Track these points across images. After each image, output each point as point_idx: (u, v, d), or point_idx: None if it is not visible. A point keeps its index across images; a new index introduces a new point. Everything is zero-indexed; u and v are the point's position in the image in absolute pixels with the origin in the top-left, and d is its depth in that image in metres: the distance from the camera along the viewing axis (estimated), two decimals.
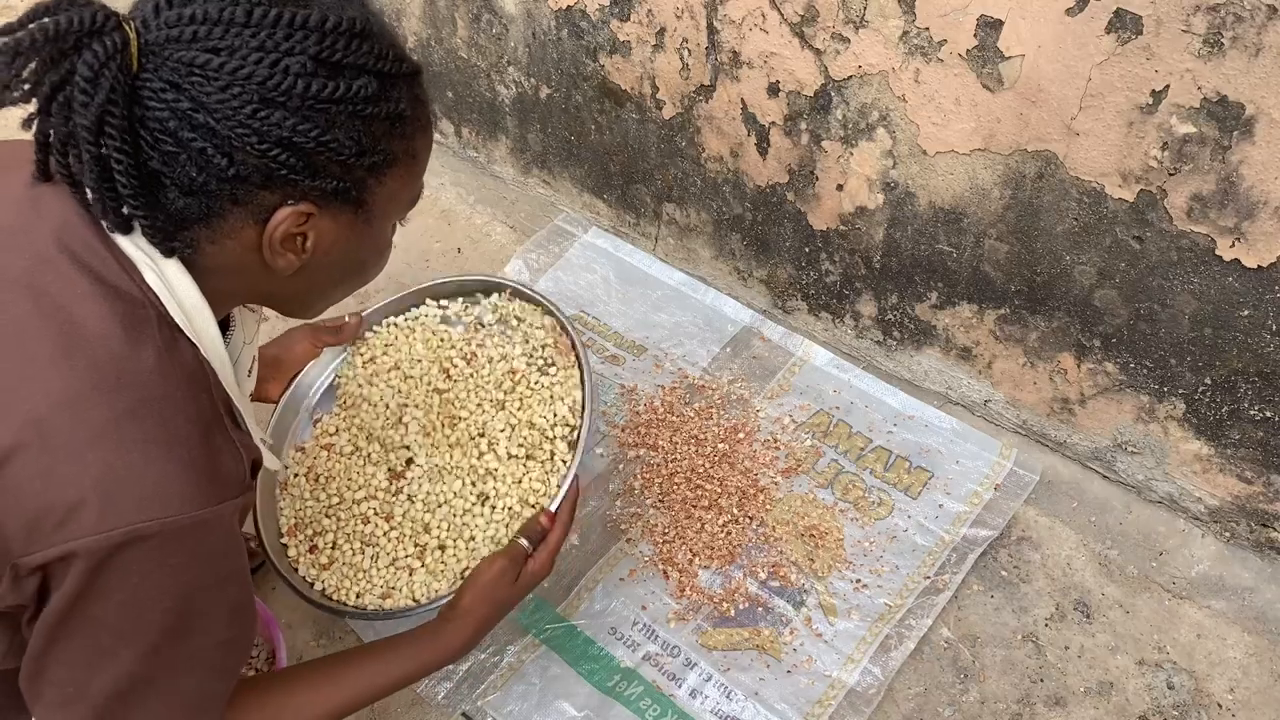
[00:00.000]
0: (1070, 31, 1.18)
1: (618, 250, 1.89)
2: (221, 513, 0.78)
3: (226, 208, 0.77)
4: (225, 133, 0.74)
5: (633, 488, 1.53)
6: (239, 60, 0.73)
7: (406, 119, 0.82)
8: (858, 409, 1.64)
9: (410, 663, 1.06)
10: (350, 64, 0.77)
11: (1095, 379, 1.46)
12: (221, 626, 0.83)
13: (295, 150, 0.76)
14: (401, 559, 1.26)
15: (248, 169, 0.75)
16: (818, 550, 1.46)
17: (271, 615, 1.27)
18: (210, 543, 0.78)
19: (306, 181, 0.77)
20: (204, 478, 0.77)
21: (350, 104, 0.77)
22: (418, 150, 0.86)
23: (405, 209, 0.91)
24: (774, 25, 1.44)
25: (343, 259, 0.87)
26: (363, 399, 1.38)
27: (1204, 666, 1.36)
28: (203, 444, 0.78)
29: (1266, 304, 1.23)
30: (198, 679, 0.84)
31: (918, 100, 1.36)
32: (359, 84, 0.77)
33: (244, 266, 0.82)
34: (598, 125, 1.80)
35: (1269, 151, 1.13)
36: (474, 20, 1.84)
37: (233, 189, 0.76)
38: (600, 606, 1.40)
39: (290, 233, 0.80)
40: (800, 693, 1.31)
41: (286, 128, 0.75)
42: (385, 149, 0.81)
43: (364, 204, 0.83)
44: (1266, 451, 1.36)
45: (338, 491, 1.32)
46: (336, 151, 0.77)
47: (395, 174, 0.84)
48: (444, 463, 1.32)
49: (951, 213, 1.44)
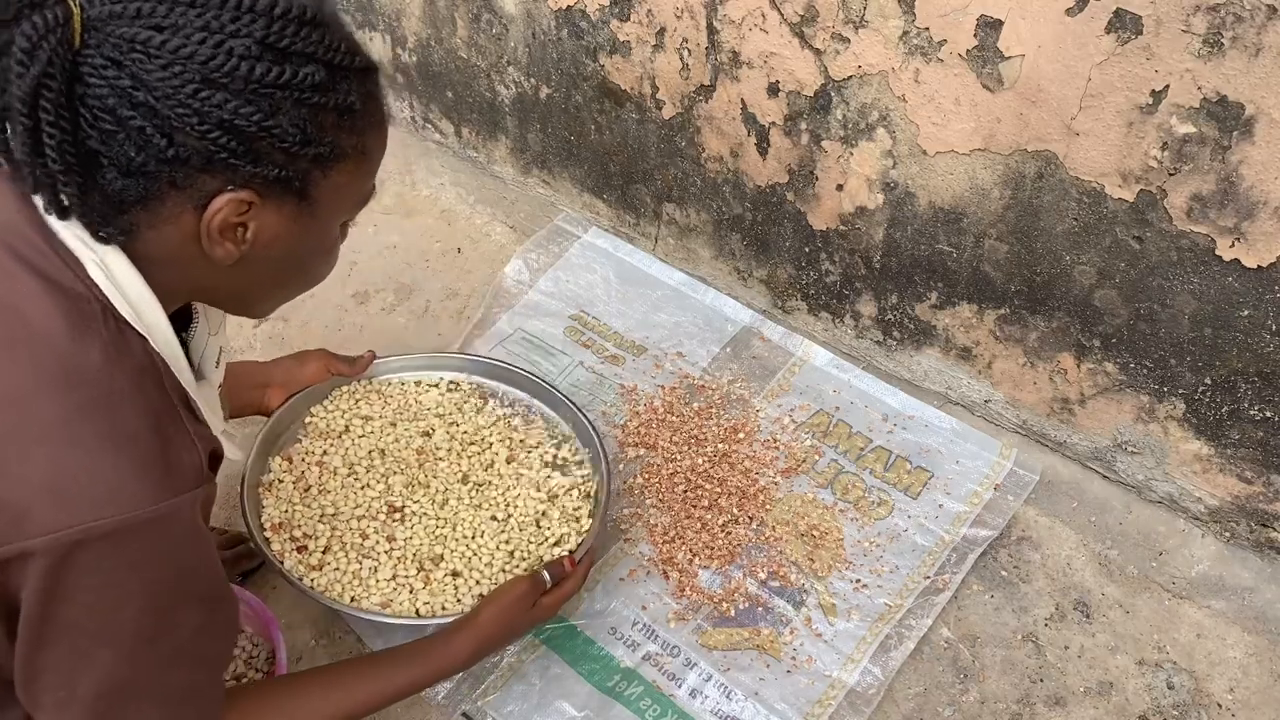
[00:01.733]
0: (1070, 31, 1.18)
1: (618, 250, 1.89)
2: (179, 506, 0.77)
3: (165, 191, 0.76)
4: (165, 112, 0.72)
5: (633, 488, 1.53)
6: (182, 39, 0.71)
7: (356, 113, 0.81)
8: (858, 409, 1.64)
9: (418, 670, 1.07)
10: (298, 51, 0.75)
11: (1095, 379, 1.46)
12: (197, 618, 0.83)
13: (236, 134, 0.74)
14: (402, 576, 1.28)
15: (187, 151, 0.74)
16: (818, 550, 1.46)
17: (272, 615, 1.27)
18: (170, 537, 0.78)
19: (247, 167, 0.76)
20: (157, 472, 0.76)
21: (296, 91, 0.75)
22: (368, 147, 0.84)
23: (354, 208, 0.89)
24: (774, 25, 1.44)
25: (286, 254, 0.85)
26: (356, 436, 1.42)
27: (1204, 666, 1.36)
28: (154, 438, 0.77)
29: (1266, 304, 1.23)
30: (184, 672, 0.83)
31: (918, 100, 1.37)
32: (306, 71, 0.75)
33: (184, 257, 0.80)
34: (598, 125, 1.80)
35: (1269, 151, 1.13)
36: (474, 20, 1.84)
37: (172, 171, 0.75)
38: (600, 606, 1.40)
39: (230, 221, 0.78)
40: (800, 693, 1.31)
41: (228, 110, 0.73)
42: (332, 141, 0.79)
43: (308, 197, 0.81)
44: (1266, 451, 1.36)
45: (332, 504, 1.33)
46: (279, 138, 0.76)
47: (343, 169, 0.82)
48: (449, 496, 1.37)
49: (951, 213, 1.44)
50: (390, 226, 2.02)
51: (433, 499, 1.36)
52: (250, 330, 1.79)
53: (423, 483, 1.37)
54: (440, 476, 1.38)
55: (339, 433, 1.41)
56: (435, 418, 1.45)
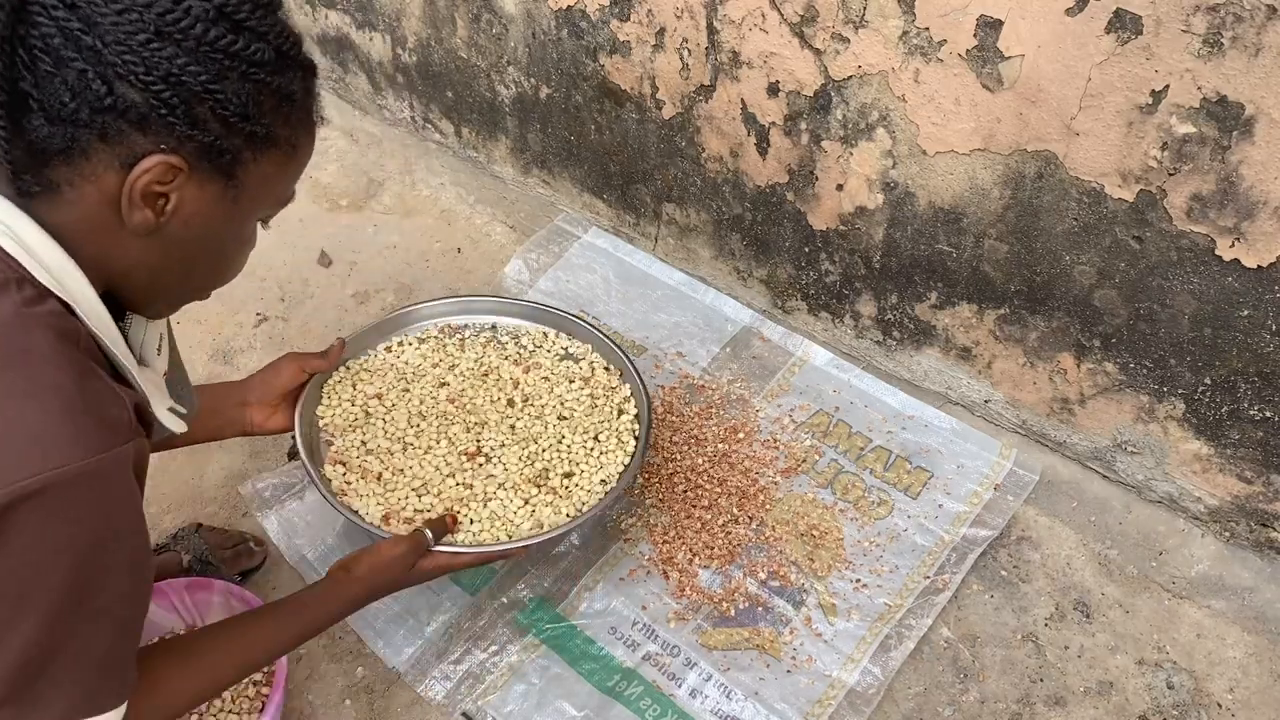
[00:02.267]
0: (1070, 31, 1.19)
1: (617, 250, 1.89)
2: (111, 460, 0.75)
3: (93, 144, 0.74)
4: (112, 58, 0.71)
5: (633, 488, 1.53)
6: None
7: (295, 103, 0.81)
8: (857, 409, 1.64)
9: (316, 617, 1.10)
10: (251, 27, 0.76)
11: (1095, 379, 1.46)
12: (124, 582, 0.80)
13: (180, 90, 0.74)
14: (520, 500, 1.33)
15: (126, 102, 0.73)
16: (818, 550, 1.46)
17: None
18: (103, 493, 0.75)
19: (183, 128, 0.75)
20: (85, 424, 0.74)
21: (245, 63, 0.76)
22: (299, 143, 0.84)
23: (274, 205, 0.88)
24: (774, 25, 1.45)
25: (201, 236, 0.83)
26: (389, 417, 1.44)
27: (1204, 666, 1.36)
28: (77, 390, 0.74)
29: (1266, 304, 1.23)
30: (106, 639, 0.81)
31: (917, 100, 1.37)
32: (256, 46, 0.76)
33: (97, 226, 0.78)
34: (598, 125, 1.80)
35: (1269, 151, 1.13)
36: (474, 20, 1.84)
37: (105, 121, 0.73)
38: (600, 606, 1.40)
39: (153, 188, 0.77)
40: (800, 692, 1.31)
41: (177, 65, 0.73)
42: (269, 124, 0.80)
43: (235, 178, 0.80)
44: (1266, 451, 1.36)
45: (418, 479, 1.35)
46: (221, 104, 0.75)
47: (273, 157, 0.82)
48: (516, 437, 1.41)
49: (951, 213, 1.44)
50: (390, 226, 2.02)
51: (501, 428, 1.41)
52: (250, 330, 1.79)
53: (479, 422, 1.41)
54: (485, 410, 1.43)
55: (361, 421, 1.41)
56: (432, 368, 1.48)
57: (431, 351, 1.51)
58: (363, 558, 1.16)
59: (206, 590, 1.31)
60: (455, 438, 1.39)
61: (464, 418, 1.42)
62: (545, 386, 1.47)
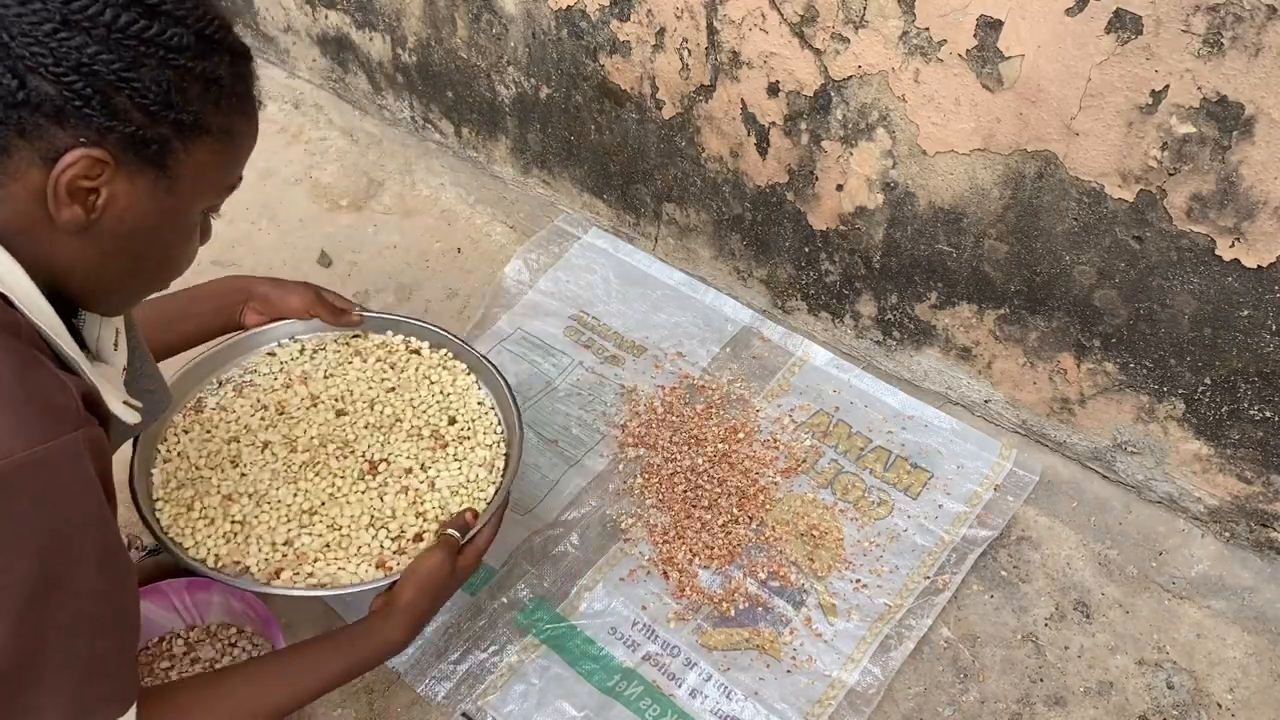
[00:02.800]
0: (1070, 31, 1.18)
1: (617, 250, 1.89)
2: (59, 449, 0.72)
3: (12, 141, 0.72)
4: (20, 51, 0.69)
5: (633, 488, 1.53)
6: None
7: (224, 89, 0.78)
8: (857, 409, 1.64)
9: (353, 659, 1.04)
10: (168, 11, 0.74)
11: (1095, 379, 1.46)
12: (93, 576, 0.76)
13: (93, 80, 0.71)
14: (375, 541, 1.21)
15: (40, 96, 0.70)
16: (818, 550, 1.46)
17: (271, 615, 1.27)
18: (54, 483, 0.72)
19: (101, 119, 0.72)
20: (26, 414, 0.71)
21: (161, 49, 0.73)
22: (234, 130, 0.81)
23: (217, 194, 0.85)
24: (774, 25, 1.45)
25: (139, 230, 0.80)
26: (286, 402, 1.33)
27: (1204, 666, 1.36)
28: (17, 380, 0.71)
29: (1266, 304, 1.23)
30: (86, 640, 0.77)
31: (917, 100, 1.37)
32: (174, 31, 0.73)
33: (28, 225, 0.75)
34: (598, 125, 1.80)
35: (1269, 151, 1.13)
36: (474, 20, 1.84)
37: (20, 118, 0.71)
38: (600, 606, 1.40)
39: (80, 183, 0.74)
40: (800, 692, 1.31)
41: (87, 54, 0.70)
42: (196, 112, 0.77)
43: (167, 169, 0.78)
44: (1266, 451, 1.36)
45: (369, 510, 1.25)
46: (140, 93, 0.73)
47: (206, 146, 0.79)
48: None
49: (951, 213, 1.44)
50: (390, 226, 2.02)
51: (365, 436, 1.30)
52: None
53: (341, 446, 1.29)
54: (329, 436, 1.30)
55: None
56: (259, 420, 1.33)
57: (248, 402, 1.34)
58: (403, 585, 1.09)
59: (206, 590, 1.31)
60: (339, 470, 1.26)
61: (319, 455, 1.28)
62: (351, 380, 1.35)
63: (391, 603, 1.09)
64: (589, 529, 1.49)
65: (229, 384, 1.34)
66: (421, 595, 1.09)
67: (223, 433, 1.29)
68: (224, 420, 1.30)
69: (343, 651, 1.04)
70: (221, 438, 1.28)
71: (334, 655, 1.03)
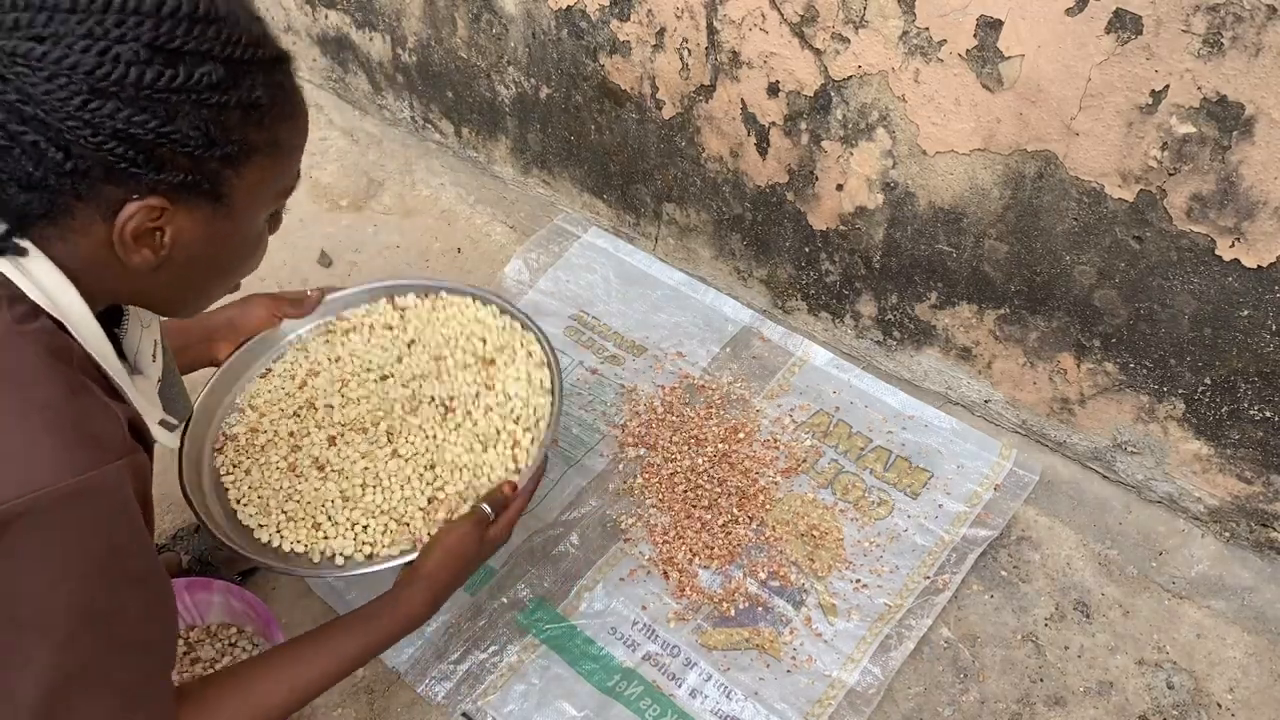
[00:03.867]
0: (1070, 31, 1.18)
1: (617, 250, 1.89)
2: (105, 476, 0.73)
3: (71, 204, 0.73)
4: (57, 125, 0.70)
5: (633, 488, 1.53)
6: (64, 49, 0.69)
7: (263, 107, 0.78)
8: (857, 409, 1.64)
9: (376, 634, 1.04)
10: (191, 50, 0.72)
11: (1095, 379, 1.46)
12: (135, 602, 0.78)
13: (132, 143, 0.71)
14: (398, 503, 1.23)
15: (86, 163, 0.71)
16: (818, 550, 1.46)
17: (271, 615, 1.27)
18: (99, 510, 0.74)
19: (151, 175, 0.73)
20: (73, 442, 0.72)
21: (193, 93, 0.72)
22: (281, 139, 0.81)
23: (275, 200, 0.86)
24: (774, 25, 1.45)
25: (208, 255, 0.82)
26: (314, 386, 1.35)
27: (1204, 666, 1.36)
28: (67, 407, 0.73)
29: (1266, 304, 1.23)
30: (129, 663, 0.78)
31: (917, 100, 1.37)
32: (202, 71, 0.72)
33: (101, 264, 0.78)
34: (598, 125, 1.80)
35: (1269, 151, 1.13)
36: (474, 20, 1.84)
37: (74, 184, 0.72)
38: (600, 606, 1.40)
39: (144, 228, 0.76)
40: (800, 692, 1.31)
41: (120, 119, 0.70)
42: (240, 139, 0.77)
43: (222, 197, 0.78)
44: (1266, 451, 1.36)
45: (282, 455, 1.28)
46: (181, 143, 0.73)
47: (256, 164, 0.79)
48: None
49: (951, 213, 1.44)
50: (390, 226, 2.02)
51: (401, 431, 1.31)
52: None
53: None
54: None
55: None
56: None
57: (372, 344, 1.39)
58: (426, 554, 1.09)
59: (206, 590, 1.31)
60: (421, 423, 1.29)
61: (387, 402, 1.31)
62: (366, 352, 1.37)
63: (414, 572, 1.08)
64: (589, 529, 1.49)
65: (247, 410, 1.34)
66: (444, 567, 1.09)
67: (276, 447, 1.30)
68: (269, 439, 1.31)
69: (360, 628, 1.04)
70: (278, 451, 1.29)
71: (354, 632, 1.03)
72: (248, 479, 1.27)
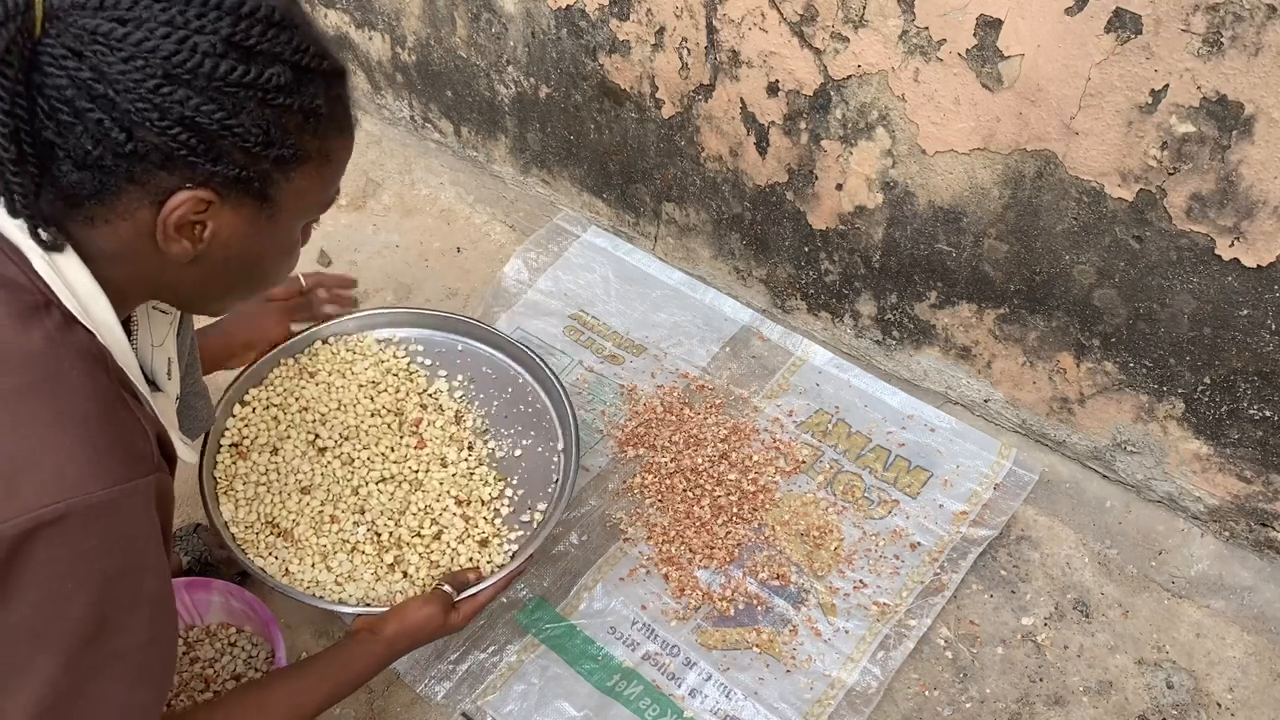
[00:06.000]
0: (1070, 31, 1.18)
1: (617, 249, 1.89)
2: (131, 492, 0.74)
3: (122, 185, 0.74)
4: (125, 106, 0.71)
5: (632, 488, 1.53)
6: (145, 32, 0.70)
7: (322, 116, 0.79)
8: (857, 408, 1.64)
9: (328, 685, 1.06)
10: (264, 51, 0.74)
11: (1094, 378, 1.46)
12: (144, 624, 0.78)
13: (197, 131, 0.73)
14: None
15: (146, 146, 0.72)
16: (817, 550, 1.46)
17: (271, 615, 1.27)
18: (123, 525, 0.74)
19: (207, 166, 0.74)
20: (108, 454, 0.73)
21: (260, 91, 0.74)
22: (332, 151, 0.83)
23: (315, 211, 0.88)
24: (773, 25, 1.44)
25: (243, 254, 0.83)
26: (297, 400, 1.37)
27: (1203, 666, 1.36)
28: (103, 420, 0.74)
29: (1266, 303, 1.23)
30: (126, 687, 0.78)
31: (917, 100, 1.36)
32: (271, 72, 0.74)
33: (138, 253, 0.79)
34: (597, 125, 1.80)
35: (1268, 151, 1.13)
36: (473, 20, 1.84)
37: (129, 166, 0.73)
38: (600, 606, 1.40)
39: (187, 219, 0.77)
40: (800, 692, 1.31)
41: (190, 107, 0.72)
42: (295, 144, 0.78)
43: (269, 199, 0.80)
44: (1266, 451, 1.36)
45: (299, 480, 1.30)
46: (242, 138, 0.75)
47: (305, 172, 0.81)
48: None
49: (951, 212, 1.44)
50: (390, 226, 2.02)
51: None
52: None
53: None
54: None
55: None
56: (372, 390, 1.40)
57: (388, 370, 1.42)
58: (390, 620, 1.13)
59: (205, 590, 1.31)
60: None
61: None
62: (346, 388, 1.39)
63: (373, 632, 1.12)
64: (589, 528, 1.49)
65: (254, 446, 1.34)
66: (403, 637, 1.13)
67: (278, 474, 1.31)
68: (271, 464, 1.32)
69: (324, 678, 1.06)
70: (281, 477, 1.31)
71: (316, 682, 1.06)
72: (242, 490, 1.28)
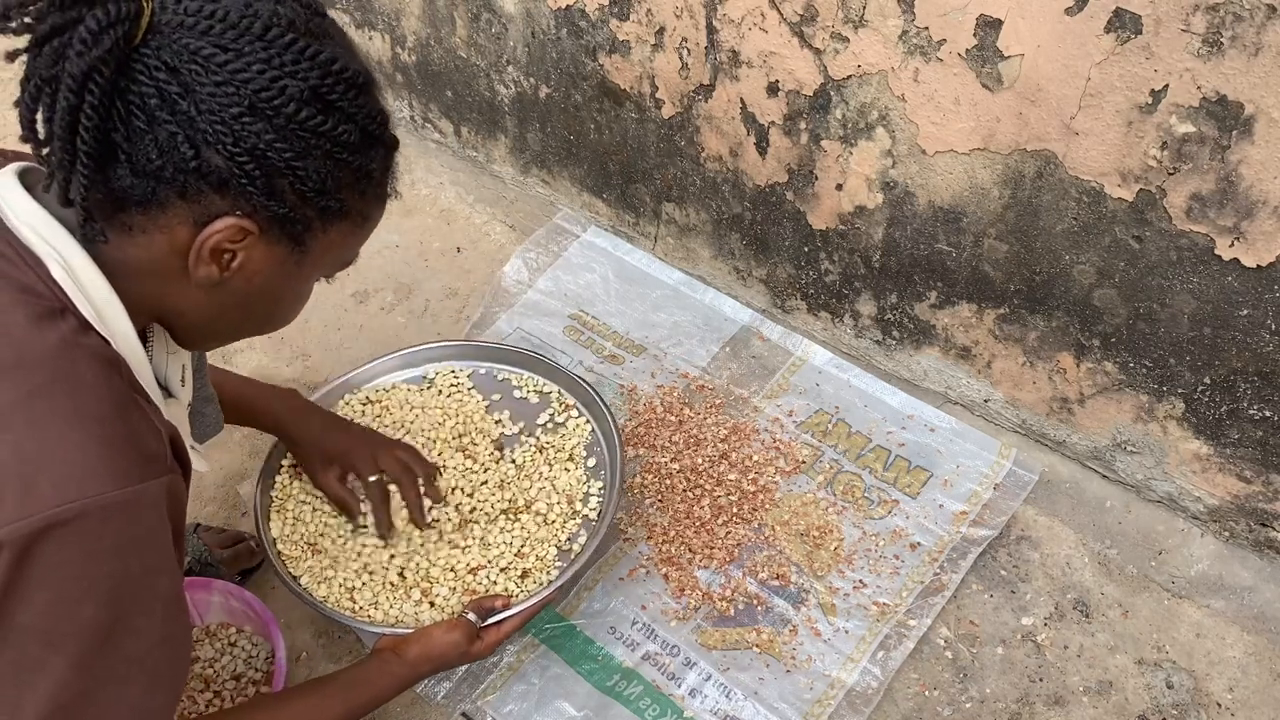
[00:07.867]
0: (1070, 31, 1.18)
1: (617, 249, 1.89)
2: (145, 492, 0.75)
3: (172, 199, 0.77)
4: (203, 126, 0.74)
5: (632, 487, 1.53)
6: (242, 64, 0.74)
7: (373, 180, 0.84)
8: (857, 408, 1.64)
9: (348, 703, 1.08)
10: (342, 108, 0.79)
11: (1094, 378, 1.46)
12: (157, 624, 0.79)
13: (263, 164, 0.76)
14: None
15: (210, 167, 0.75)
16: (817, 550, 1.46)
17: (271, 615, 1.27)
18: (137, 525, 0.75)
19: (260, 198, 0.77)
20: (122, 455, 0.74)
21: (330, 142, 0.78)
22: (370, 214, 0.88)
23: (335, 268, 0.91)
24: (773, 25, 1.44)
25: (262, 291, 0.86)
26: None
27: (1203, 666, 1.36)
28: (118, 420, 0.76)
29: (1266, 303, 1.23)
30: (140, 688, 0.78)
31: (917, 100, 1.36)
32: (345, 128, 0.79)
33: (160, 270, 0.81)
34: (597, 125, 1.80)
35: (1268, 151, 1.13)
36: (473, 19, 1.84)
37: (186, 181, 0.76)
38: (600, 606, 1.40)
39: (223, 245, 0.79)
40: (800, 692, 1.31)
41: (264, 140, 0.75)
42: (343, 199, 0.82)
43: (302, 244, 0.83)
44: (1266, 451, 1.36)
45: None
46: (301, 180, 0.78)
47: (342, 228, 0.85)
48: None
49: (951, 212, 1.44)
50: (389, 226, 2.02)
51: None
52: None
53: None
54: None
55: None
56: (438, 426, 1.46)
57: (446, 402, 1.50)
58: (414, 643, 1.15)
59: (206, 590, 1.31)
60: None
61: None
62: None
63: (397, 654, 1.14)
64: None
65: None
66: (426, 661, 1.15)
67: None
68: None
69: (344, 696, 1.08)
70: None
71: (335, 699, 1.07)
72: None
